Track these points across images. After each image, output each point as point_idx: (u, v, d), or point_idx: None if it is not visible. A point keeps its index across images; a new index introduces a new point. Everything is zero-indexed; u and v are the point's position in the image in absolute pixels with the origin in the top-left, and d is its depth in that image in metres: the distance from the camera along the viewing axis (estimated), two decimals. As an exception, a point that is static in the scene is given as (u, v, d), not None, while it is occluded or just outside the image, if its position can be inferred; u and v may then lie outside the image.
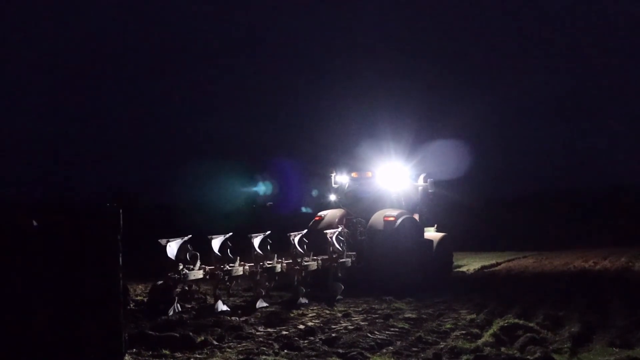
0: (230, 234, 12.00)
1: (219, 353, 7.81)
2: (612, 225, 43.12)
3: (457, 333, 8.91)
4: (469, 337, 8.64)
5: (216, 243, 11.72)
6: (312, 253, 13.62)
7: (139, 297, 13.83)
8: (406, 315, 10.48)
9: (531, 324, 9.19)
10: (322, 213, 16.79)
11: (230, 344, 8.32)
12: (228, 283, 11.88)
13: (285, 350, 7.88)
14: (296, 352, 7.79)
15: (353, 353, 7.62)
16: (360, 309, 11.40)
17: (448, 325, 9.51)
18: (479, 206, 38.57)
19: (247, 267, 12.05)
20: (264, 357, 7.52)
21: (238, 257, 11.98)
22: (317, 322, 9.91)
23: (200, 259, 11.13)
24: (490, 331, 8.82)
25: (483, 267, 21.35)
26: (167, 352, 7.79)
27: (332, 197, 17.63)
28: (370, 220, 15.70)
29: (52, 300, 5.44)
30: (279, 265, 12.79)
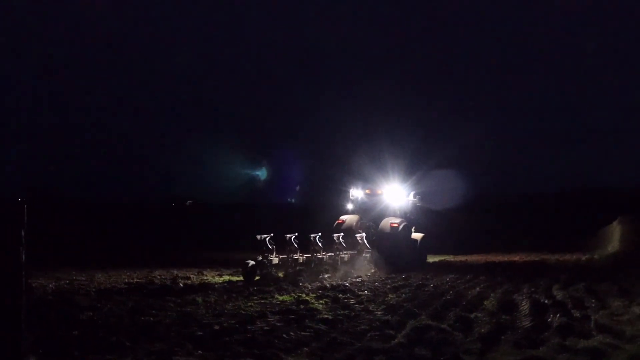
0: (297, 234, 18.56)
1: (131, 354, 7.59)
2: (536, 230, 45.11)
3: (372, 334, 9.00)
4: (382, 338, 8.74)
5: (290, 239, 18.22)
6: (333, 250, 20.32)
7: (49, 296, 13.31)
8: (322, 317, 10.51)
9: (443, 326, 9.38)
10: (343, 217, 23.73)
11: (144, 344, 8.11)
12: (293, 267, 17.98)
13: (199, 351, 7.75)
14: (210, 353, 7.67)
15: (268, 354, 7.57)
16: (276, 309, 11.36)
17: (363, 327, 9.60)
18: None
19: (305, 257, 18.59)
20: (176, 357, 7.37)
21: (298, 250, 18.46)
22: (233, 322, 9.80)
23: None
24: (404, 332, 8.95)
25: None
26: (77, 353, 7.52)
27: (350, 206, 24.52)
28: (380, 225, 22.63)
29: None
30: (324, 256, 19.36)
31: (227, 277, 18.88)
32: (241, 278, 17.81)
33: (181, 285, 16.04)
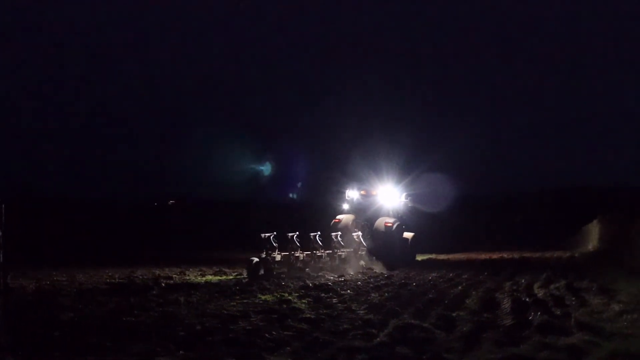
0: (297, 232, 19.78)
1: (112, 355, 7.54)
2: (518, 228, 45.56)
3: (354, 333, 9.00)
4: (365, 337, 8.74)
5: (292, 237, 19.47)
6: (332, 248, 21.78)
7: (29, 297, 13.20)
8: (305, 316, 10.50)
9: (425, 324, 9.39)
10: (339, 217, 25.13)
11: (126, 345, 8.06)
12: (294, 264, 19.23)
13: (181, 351, 7.72)
14: (193, 353, 7.64)
15: (250, 353, 7.55)
16: (259, 309, 11.34)
17: (345, 326, 9.60)
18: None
19: (304, 254, 19.94)
20: (158, 358, 7.34)
21: (299, 248, 19.78)
22: (215, 322, 9.77)
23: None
24: (386, 331, 8.96)
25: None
26: (58, 354, 7.46)
27: (345, 206, 26.00)
28: (376, 224, 24.67)
29: None
30: (323, 254, 20.84)
31: (209, 277, 18.83)
32: (223, 277, 17.81)
33: (163, 285, 15.97)
